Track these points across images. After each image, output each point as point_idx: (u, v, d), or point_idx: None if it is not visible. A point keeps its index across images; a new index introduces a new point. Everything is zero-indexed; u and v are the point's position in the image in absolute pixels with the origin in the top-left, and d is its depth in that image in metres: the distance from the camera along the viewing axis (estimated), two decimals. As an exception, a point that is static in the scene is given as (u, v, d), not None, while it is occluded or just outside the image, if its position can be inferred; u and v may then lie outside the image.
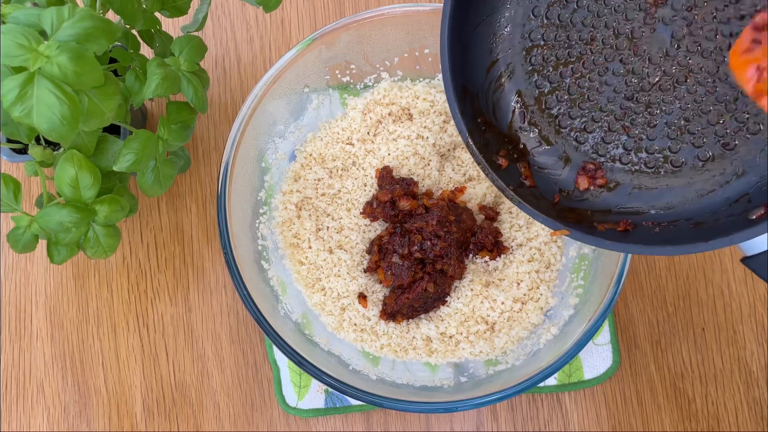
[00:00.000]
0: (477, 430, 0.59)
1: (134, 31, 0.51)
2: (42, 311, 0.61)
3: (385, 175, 0.58)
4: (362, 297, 0.56)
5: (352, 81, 0.60)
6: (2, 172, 0.51)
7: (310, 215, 0.58)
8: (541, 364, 0.49)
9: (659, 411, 0.59)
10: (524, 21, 0.46)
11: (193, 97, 0.48)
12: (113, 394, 0.60)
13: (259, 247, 0.56)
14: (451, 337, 0.56)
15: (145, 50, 0.61)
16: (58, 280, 0.62)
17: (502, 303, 0.55)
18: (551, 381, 0.59)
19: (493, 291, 0.55)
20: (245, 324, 0.61)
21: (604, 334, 0.60)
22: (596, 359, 0.59)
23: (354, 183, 0.58)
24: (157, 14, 0.51)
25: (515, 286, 0.56)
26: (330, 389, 0.59)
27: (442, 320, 0.56)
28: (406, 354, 0.56)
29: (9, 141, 0.53)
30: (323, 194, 0.59)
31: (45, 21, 0.38)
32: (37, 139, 0.52)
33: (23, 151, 0.55)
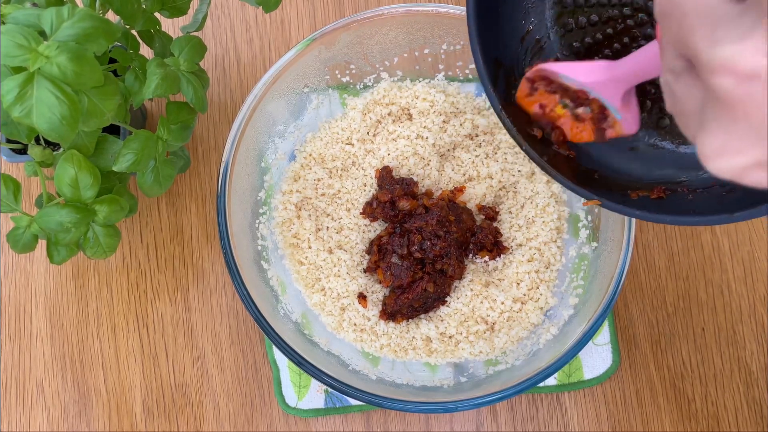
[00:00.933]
0: (477, 430, 0.59)
1: (134, 32, 0.51)
2: (42, 311, 0.61)
3: (384, 175, 0.58)
4: (362, 297, 0.56)
5: (351, 81, 0.60)
6: (2, 172, 0.51)
7: (309, 215, 0.58)
8: (540, 364, 0.49)
9: (659, 411, 0.59)
10: None
11: (193, 97, 0.48)
12: (113, 394, 0.60)
13: (259, 247, 0.56)
14: (450, 337, 0.56)
15: (145, 50, 0.61)
16: (58, 281, 0.62)
17: (502, 303, 0.55)
18: (551, 381, 0.59)
19: (493, 291, 0.55)
20: (245, 324, 0.61)
21: (604, 334, 0.60)
22: (596, 359, 0.59)
23: (354, 183, 0.59)
24: (157, 14, 0.51)
25: (515, 286, 0.56)
26: (330, 389, 0.59)
27: (442, 320, 0.56)
28: (405, 354, 0.56)
29: (9, 141, 0.53)
30: (323, 194, 0.59)
31: (44, 21, 0.38)
32: (37, 139, 0.52)
33: (23, 151, 0.55)
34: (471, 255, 0.58)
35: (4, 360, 0.60)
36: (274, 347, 0.59)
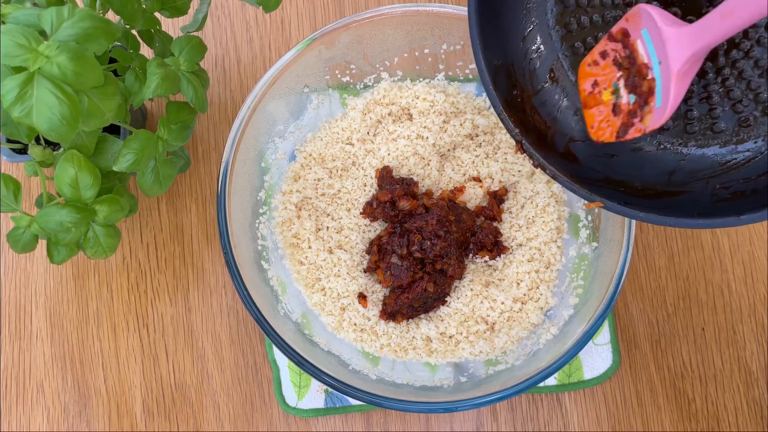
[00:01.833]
0: (477, 430, 0.59)
1: (134, 31, 0.51)
2: (42, 311, 0.61)
3: (385, 175, 0.58)
4: (362, 297, 0.56)
5: (351, 81, 0.60)
6: (2, 172, 0.51)
7: (309, 215, 0.58)
8: (540, 364, 0.49)
9: (659, 411, 0.59)
10: None
11: (193, 97, 0.48)
12: (113, 394, 0.60)
13: (259, 247, 0.56)
14: (450, 337, 0.56)
15: (145, 50, 0.61)
16: (58, 280, 0.62)
17: (502, 303, 0.55)
18: (551, 381, 0.59)
19: (493, 291, 0.55)
20: (245, 324, 0.61)
21: (604, 334, 0.60)
22: (596, 359, 0.59)
23: (354, 183, 0.59)
24: (157, 14, 0.51)
25: (515, 286, 0.56)
26: (330, 389, 0.59)
27: (442, 320, 0.56)
28: (405, 354, 0.56)
29: (9, 141, 0.53)
30: (323, 194, 0.59)
31: (45, 21, 0.38)
32: (37, 139, 0.52)
33: (23, 151, 0.55)
34: (471, 255, 0.58)
35: (4, 360, 0.60)
36: (274, 347, 0.59)
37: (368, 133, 0.60)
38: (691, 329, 0.61)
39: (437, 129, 0.58)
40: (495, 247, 0.57)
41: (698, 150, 0.44)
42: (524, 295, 0.55)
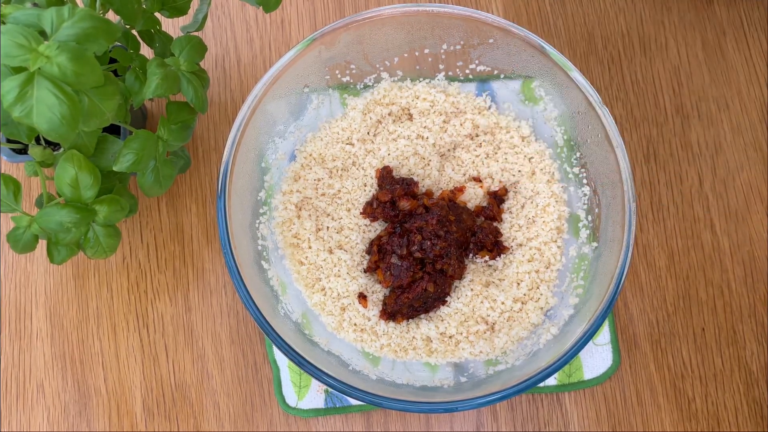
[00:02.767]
0: (477, 430, 0.59)
1: (134, 32, 0.51)
2: (42, 311, 0.61)
3: (385, 175, 0.58)
4: (362, 297, 0.56)
5: (352, 81, 0.60)
6: (2, 172, 0.51)
7: (310, 215, 0.58)
8: (541, 364, 0.49)
9: (659, 411, 0.59)
10: None
11: (193, 97, 0.48)
12: (113, 394, 0.60)
13: (259, 247, 0.56)
14: (451, 337, 0.56)
15: (145, 50, 0.61)
16: (58, 280, 0.62)
17: (502, 303, 0.55)
18: (551, 381, 0.59)
19: (493, 291, 0.55)
20: (245, 324, 0.61)
21: (604, 334, 0.60)
22: (596, 359, 0.59)
23: (354, 183, 0.59)
24: (157, 14, 0.51)
25: (515, 286, 0.56)
26: (330, 389, 0.59)
27: (442, 320, 0.56)
28: (406, 354, 0.56)
29: (9, 141, 0.53)
30: (323, 194, 0.59)
31: (45, 21, 0.38)
32: (37, 139, 0.52)
33: (23, 151, 0.55)
34: (471, 255, 0.58)
35: (4, 360, 0.60)
36: (274, 347, 0.59)
37: (368, 133, 0.60)
38: (691, 329, 0.61)
39: (437, 129, 0.58)
40: (495, 247, 0.57)
41: None
42: (524, 295, 0.55)
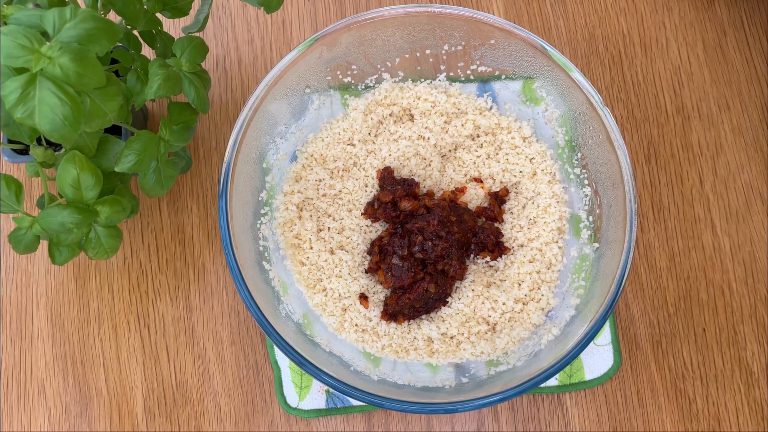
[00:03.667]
0: (478, 431, 0.59)
1: (136, 32, 0.51)
2: (43, 312, 0.61)
3: (386, 175, 0.58)
4: (363, 297, 0.56)
5: (353, 82, 0.60)
6: (3, 172, 0.51)
7: (311, 216, 0.58)
8: (542, 365, 0.49)
9: (660, 411, 0.59)
10: None
11: (195, 98, 0.48)
12: (114, 394, 0.60)
13: (261, 248, 0.56)
14: (452, 337, 0.56)
15: (147, 51, 0.61)
16: (59, 281, 0.62)
17: (504, 303, 0.55)
18: (552, 381, 0.59)
19: (495, 291, 0.55)
20: (246, 324, 0.61)
21: (605, 335, 0.60)
22: (597, 360, 0.59)
23: (355, 184, 0.59)
24: (159, 15, 0.51)
25: (516, 286, 0.56)
26: (331, 390, 0.59)
27: (444, 321, 0.56)
28: (407, 355, 0.56)
29: (10, 142, 0.53)
30: (324, 195, 0.59)
31: (47, 22, 0.38)
32: (39, 140, 0.52)
33: (25, 151, 0.55)
34: (472, 255, 0.58)
35: (5, 360, 0.60)
36: (275, 348, 0.59)
37: (369, 133, 0.60)
38: (692, 329, 0.61)
39: (438, 130, 0.58)
40: (496, 247, 0.57)
41: None
42: (525, 295, 0.55)
